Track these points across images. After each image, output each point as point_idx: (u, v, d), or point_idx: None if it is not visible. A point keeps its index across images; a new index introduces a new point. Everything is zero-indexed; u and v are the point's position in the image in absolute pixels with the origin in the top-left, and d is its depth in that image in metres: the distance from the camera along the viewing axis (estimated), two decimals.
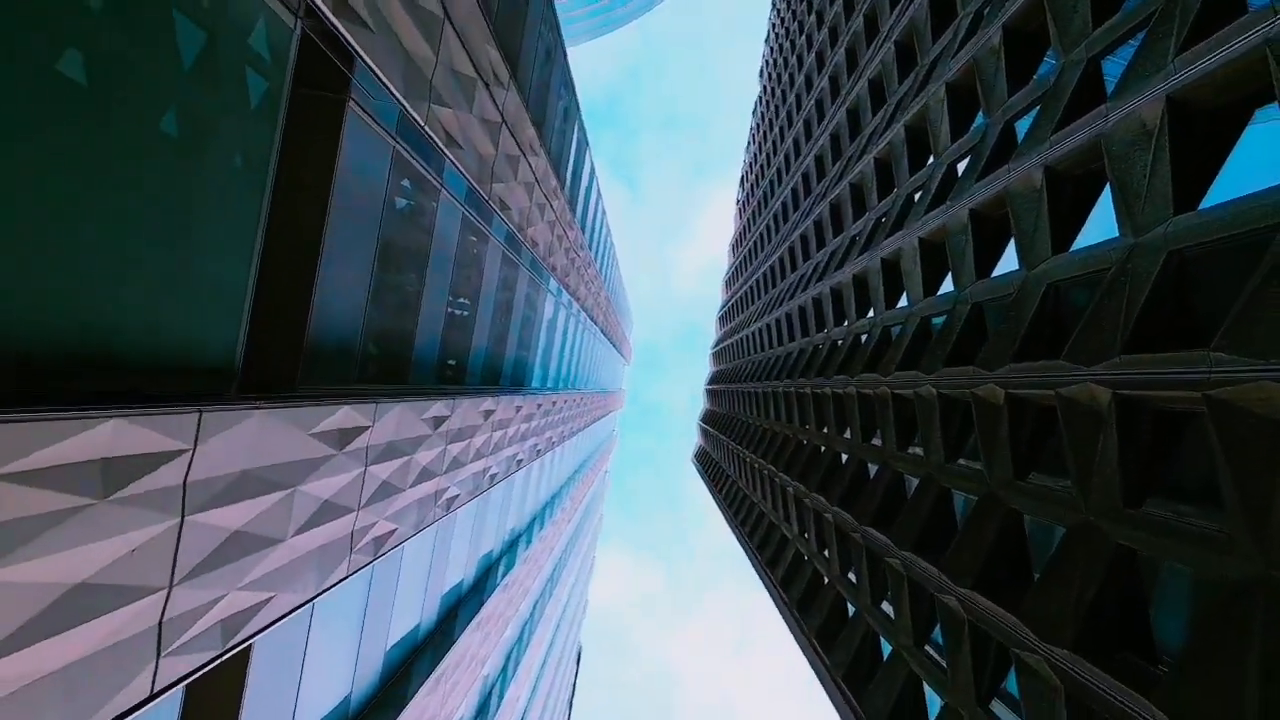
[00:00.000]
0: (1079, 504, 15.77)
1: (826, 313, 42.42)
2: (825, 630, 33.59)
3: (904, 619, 24.62)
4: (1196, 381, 12.68)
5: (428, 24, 12.74)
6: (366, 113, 11.89)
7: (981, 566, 19.32)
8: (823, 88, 53.42)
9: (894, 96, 36.80)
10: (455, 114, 14.99)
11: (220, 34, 8.21)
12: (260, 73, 9.12)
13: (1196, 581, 13.11)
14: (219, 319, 8.95)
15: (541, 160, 24.09)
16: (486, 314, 22.20)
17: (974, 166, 24.58)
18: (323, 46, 10.14)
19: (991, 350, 20.47)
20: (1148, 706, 12.58)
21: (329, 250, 11.32)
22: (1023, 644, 16.84)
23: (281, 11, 9.12)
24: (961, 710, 19.75)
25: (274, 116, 9.51)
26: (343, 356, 12.63)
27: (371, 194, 12.72)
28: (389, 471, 14.97)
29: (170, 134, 7.70)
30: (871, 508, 28.94)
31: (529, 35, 20.10)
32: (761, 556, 49.38)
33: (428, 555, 20.98)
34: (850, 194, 41.61)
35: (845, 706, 27.69)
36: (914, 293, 28.85)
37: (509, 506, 33.51)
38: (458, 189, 17.15)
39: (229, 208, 8.86)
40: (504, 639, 37.30)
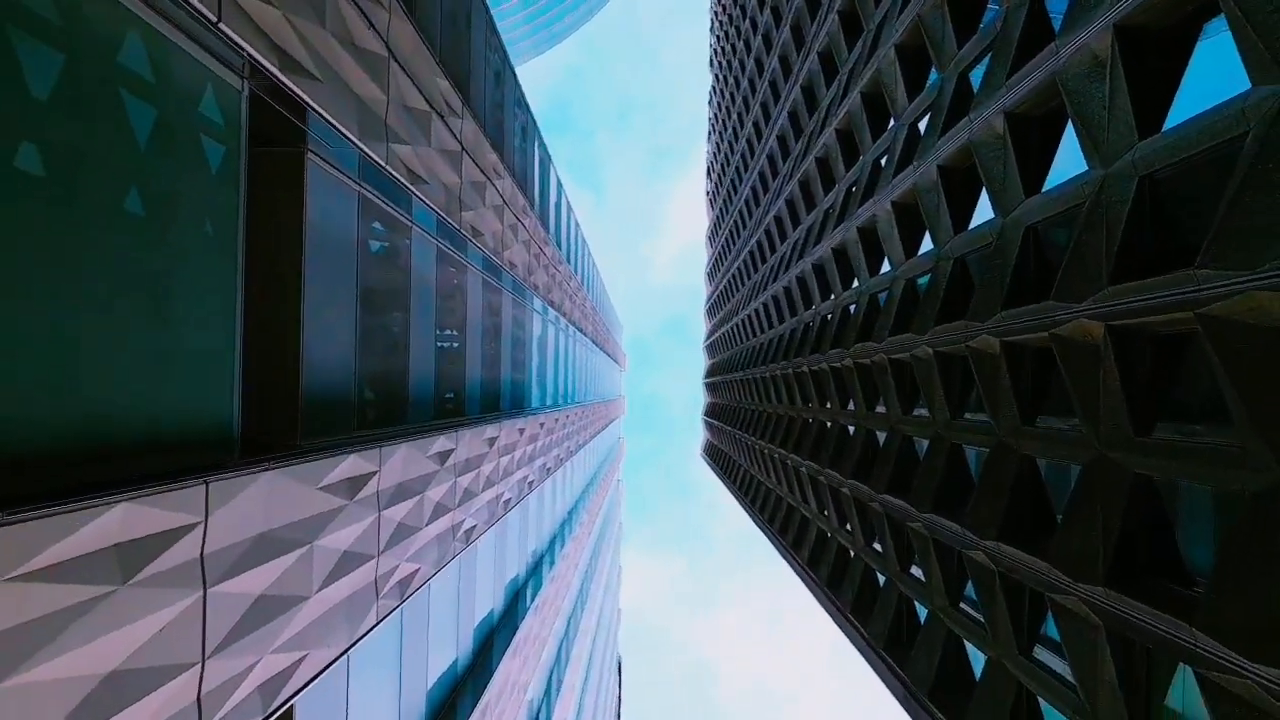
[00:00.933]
0: (1090, 440, 15.79)
1: (812, 289, 42.45)
2: (859, 603, 33.59)
3: (935, 580, 24.63)
4: (1186, 302, 12.71)
5: (373, 65, 12.74)
6: (326, 162, 11.89)
7: (1003, 517, 19.34)
8: (773, 68, 53.48)
9: (845, 67, 36.85)
10: (414, 150, 14.99)
11: (170, 106, 8.19)
12: (215, 138, 9.11)
13: (1217, 499, 13.14)
14: (211, 388, 8.94)
15: (507, 182, 24.09)
16: (476, 342, 22.18)
17: (935, 123, 24.63)
18: (273, 103, 10.14)
19: (980, 301, 20.50)
20: (1189, 630, 12.59)
21: (310, 303, 11.30)
22: (1056, 587, 16.86)
23: (227, 75, 9.11)
24: (1006, 663, 19.76)
25: (235, 179, 9.49)
26: (340, 406, 12.61)
27: (344, 241, 12.71)
28: (403, 513, 14.95)
29: (136, 212, 7.69)
30: (886, 475, 28.96)
31: (476, 61, 20.10)
32: (785, 540, 49.39)
33: (454, 589, 20.96)
34: (817, 169, 41.66)
35: (889, 675, 27.70)
36: (895, 256, 28.88)
37: (527, 529, 33.48)
38: (428, 223, 17.14)
39: (205, 276, 8.85)
40: (543, 661, 37.25)
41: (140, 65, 7.74)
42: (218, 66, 8.92)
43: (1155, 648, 13.97)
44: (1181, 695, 13.97)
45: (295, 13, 9.84)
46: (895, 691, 26.97)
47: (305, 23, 10.18)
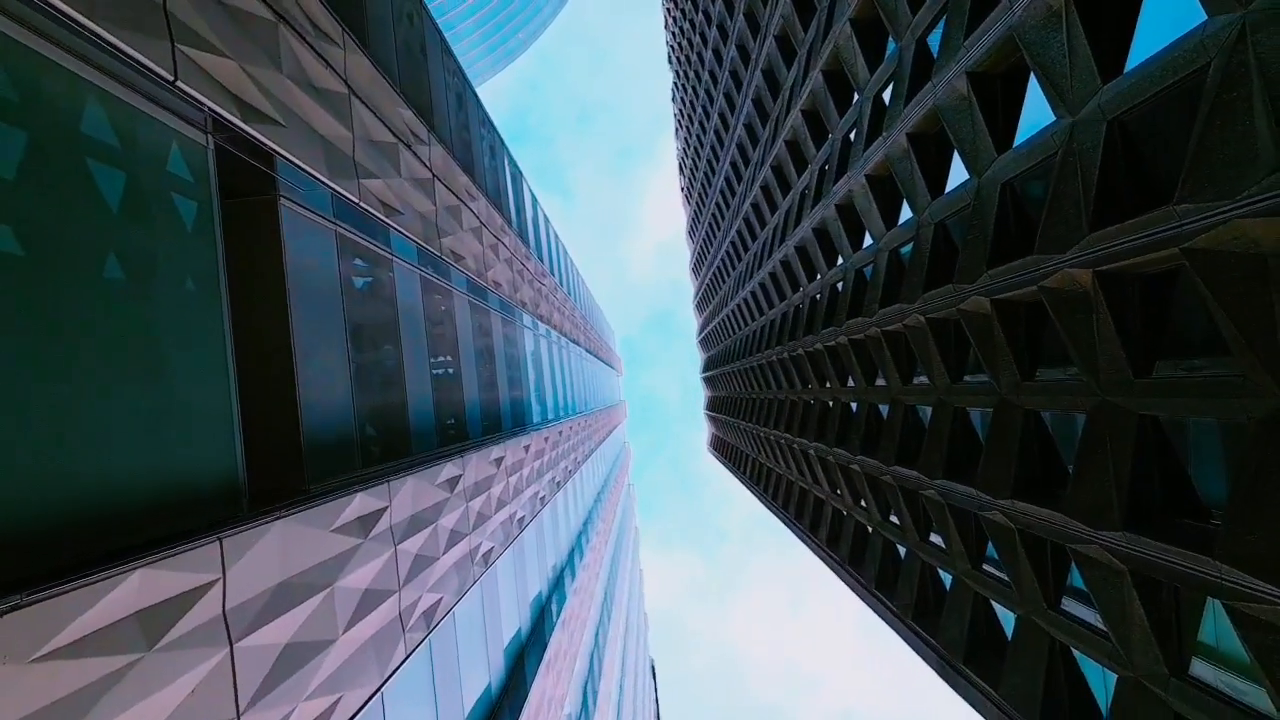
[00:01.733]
0: (1091, 387, 15.81)
1: (797, 272, 42.48)
2: (883, 577, 33.62)
3: (955, 545, 24.65)
4: (1170, 239, 12.74)
5: (335, 104, 12.73)
6: (300, 205, 11.88)
7: (1015, 474, 19.37)
8: (732, 57, 53.52)
9: (803, 47, 36.88)
10: (386, 182, 14.98)
11: (138, 169, 8.19)
12: (187, 194, 9.10)
13: (1224, 430, 13.16)
14: (213, 443, 8.92)
15: (481, 203, 24.08)
16: (470, 365, 22.17)
17: (899, 92, 24.66)
18: (240, 154, 10.13)
19: (965, 264, 20.52)
20: (1212, 563, 12.61)
21: (301, 347, 11.29)
22: (1075, 537, 16.88)
23: (191, 131, 9.10)
24: (1036, 619, 19.78)
25: (211, 233, 9.48)
26: (343, 445, 12.60)
27: (327, 281, 12.70)
28: (419, 544, 14.94)
29: (117, 278, 7.68)
30: (894, 447, 28.99)
31: (436, 87, 20.09)
32: (802, 525, 49.41)
33: (479, 614, 20.93)
34: (788, 152, 41.68)
35: (922, 645, 27.72)
36: (875, 229, 28.91)
37: (545, 545, 33.45)
38: (409, 253, 17.13)
39: (193, 333, 8.84)
40: (576, 674, 37.21)
41: (104, 132, 7.74)
42: (180, 124, 8.91)
43: (1182, 585, 14.00)
44: (1214, 629, 14.01)
45: (251, 62, 9.83)
46: (930, 660, 26.98)
47: (262, 70, 10.17)
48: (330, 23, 12.65)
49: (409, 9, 18.36)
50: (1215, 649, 14.09)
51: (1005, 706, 20.90)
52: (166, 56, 7.96)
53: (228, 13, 9.31)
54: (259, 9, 10.09)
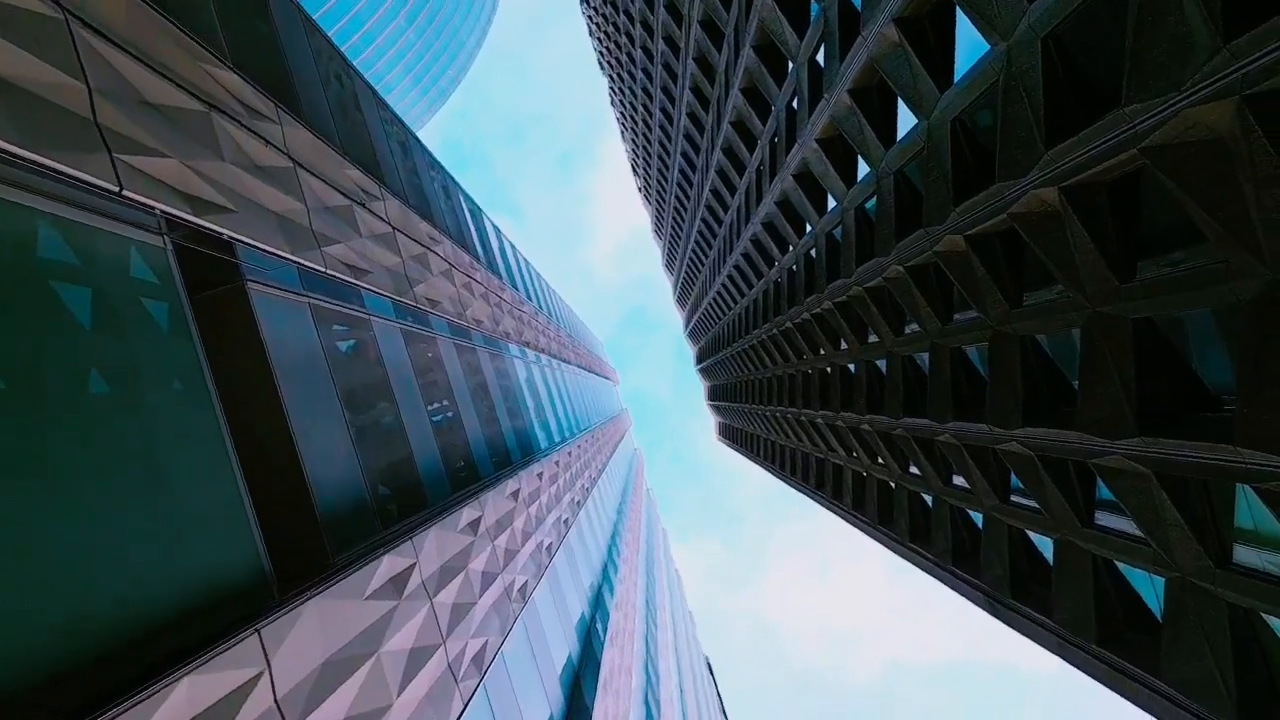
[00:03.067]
0: (1079, 302, 15.85)
1: (769, 248, 42.53)
2: (915, 529, 33.64)
3: (979, 483, 24.68)
4: (1124, 142, 12.78)
5: (282, 179, 12.72)
6: (268, 285, 11.86)
7: (1023, 402, 19.40)
8: (662, 51, 53.58)
9: (728, 27, 36.94)
10: (347, 245, 14.97)
11: (103, 282, 8.17)
12: (155, 298, 9.08)
13: (1218, 316, 13.20)
14: (232, 538, 8.91)
15: (446, 244, 24.08)
16: (468, 406, 22.15)
17: (831, 52, 24.70)
18: (199, 248, 10.11)
19: (931, 206, 20.56)
20: (1232, 450, 12.64)
21: (298, 424, 11.27)
22: (1095, 452, 16.91)
23: (147, 236, 9.09)
24: (1073, 539, 19.81)
25: (187, 330, 9.47)
26: (359, 512, 12.58)
27: (310, 355, 12.68)
28: (454, 593, 14.93)
29: (103, 394, 7.67)
30: (900, 400, 29.02)
31: (378, 140, 20.09)
32: (825, 493, 49.44)
33: (527, 648, 20.91)
34: (735, 132, 41.74)
35: (967, 587, 27.73)
36: (836, 190, 28.95)
37: (577, 566, 33.42)
38: (384, 309, 17.12)
39: (189, 433, 8.82)
40: (635, 687, 37.18)
41: (62, 253, 7.73)
42: (136, 231, 8.90)
43: (1208, 478, 14.03)
44: (1249, 513, 14.03)
45: (191, 156, 9.82)
46: (977, 601, 27.00)
47: (204, 162, 10.16)
48: (261, 100, 12.63)
49: (336, 70, 18.35)
50: (1255, 532, 14.12)
51: (1061, 632, 20.93)
52: (108, 169, 7.95)
53: (159, 113, 9.30)
54: (188, 102, 10.08)
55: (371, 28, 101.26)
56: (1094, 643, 19.30)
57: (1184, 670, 16.25)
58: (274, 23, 14.70)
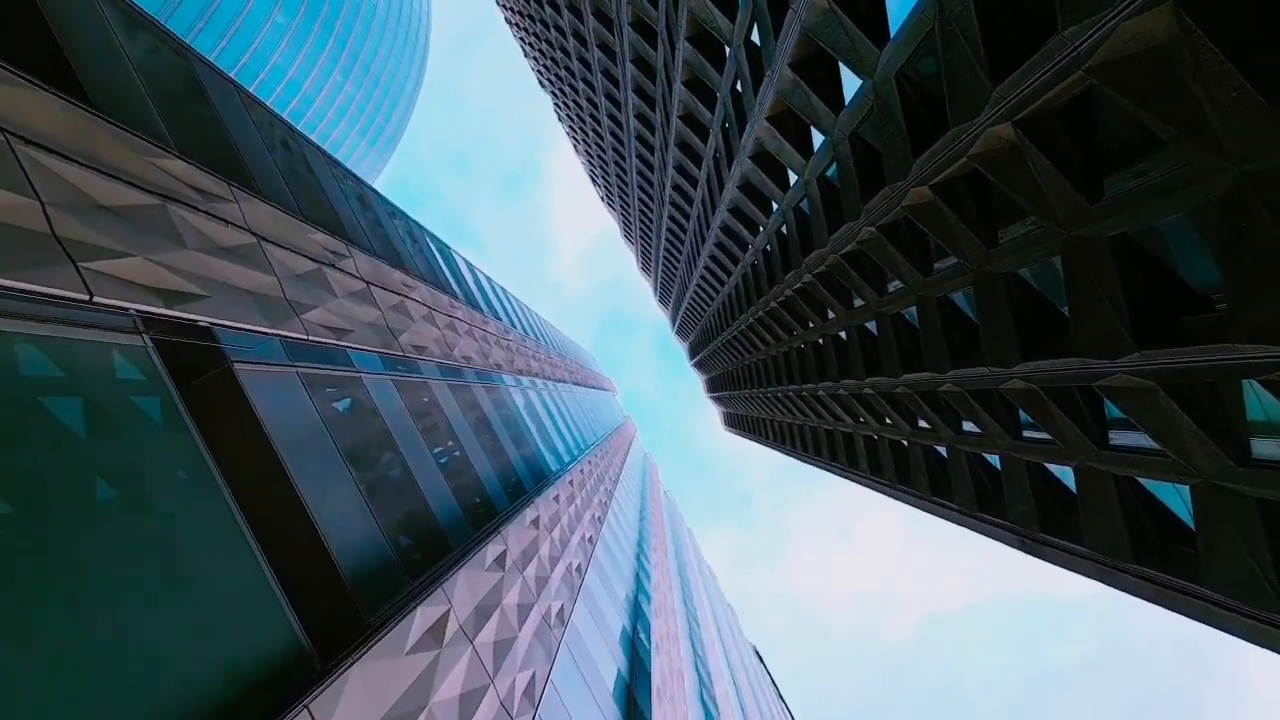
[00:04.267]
0: (1054, 229, 15.89)
1: (740, 232, 42.58)
2: (935, 482, 33.66)
3: (989, 426, 24.71)
4: (1069, 65, 12.83)
5: (248, 255, 12.71)
6: (253, 363, 11.85)
7: (1017, 338, 19.42)
8: (599, 59, 53.64)
9: (660, 24, 37.00)
10: (324, 308, 14.96)
11: (90, 389, 8.17)
12: (145, 393, 9.08)
13: (1194, 219, 13.22)
14: (265, 620, 8.90)
15: (421, 289, 24.07)
16: (473, 444, 22.15)
17: (765, 29, 24.75)
18: (179, 339, 10.10)
19: (891, 162, 20.60)
20: (1231, 347, 12.67)
21: (309, 495, 11.26)
22: (1096, 375, 16.94)
23: (125, 337, 9.07)
24: (1091, 464, 19.83)
25: (182, 422, 9.46)
26: (385, 569, 12.57)
27: (307, 423, 12.67)
28: (493, 631, 14.91)
29: (110, 498, 7.67)
30: (896, 357, 29.05)
31: (336, 199, 20.08)
32: (840, 463, 49.47)
33: (575, 671, 20.89)
34: (686, 126, 41.78)
35: (997, 530, 27.75)
36: (795, 164, 28.99)
37: (610, 581, 33.40)
38: (373, 365, 17.11)
39: (203, 524, 8.81)
40: (689, 690, 37.17)
41: (45, 369, 7.72)
42: (114, 335, 8.89)
43: (1213, 379, 14.07)
44: (1260, 406, 14.06)
45: (154, 251, 9.81)
46: (1008, 541, 27.01)
47: (168, 254, 10.15)
48: (212, 181, 12.62)
49: (281, 137, 18.34)
50: (1269, 424, 14.15)
51: (1097, 557, 20.93)
52: (75, 279, 7.94)
53: (115, 214, 9.29)
54: (142, 198, 10.07)
55: (309, 90, 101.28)
56: (1131, 562, 19.32)
57: (1224, 573, 16.27)
58: (212, 103, 14.69)
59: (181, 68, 14.23)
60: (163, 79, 13.15)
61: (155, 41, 13.52)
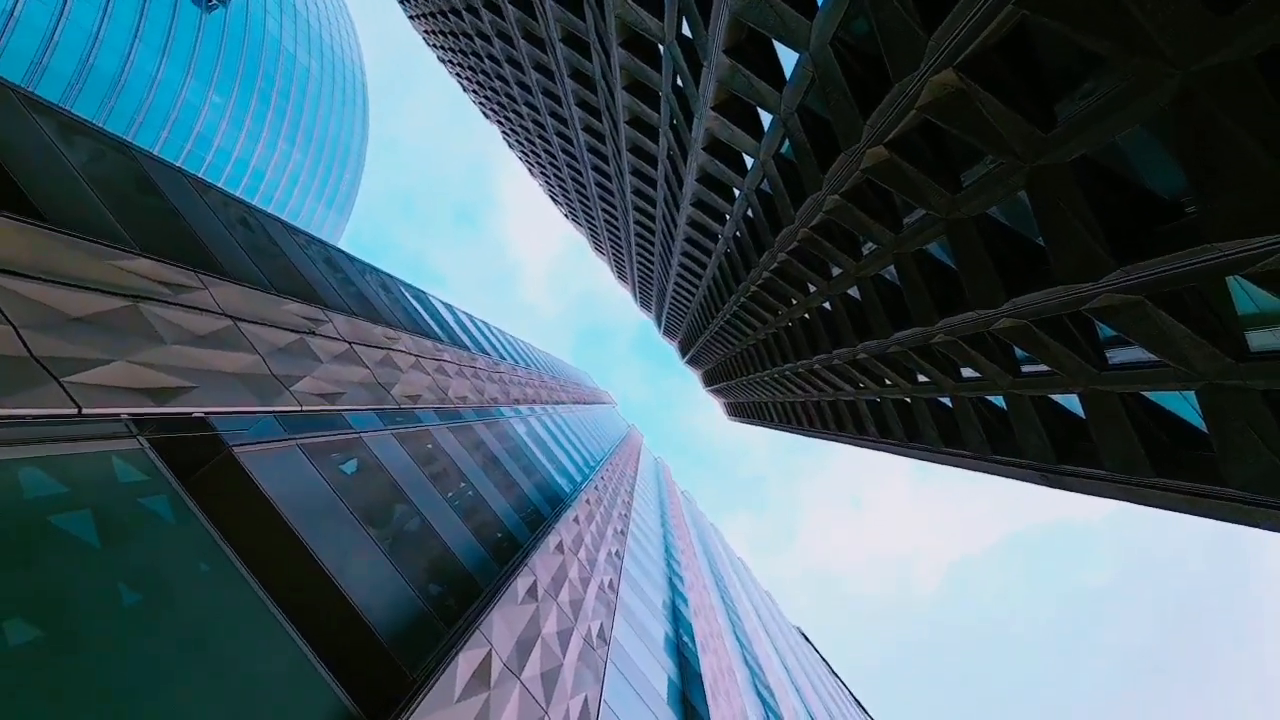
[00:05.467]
0: (1014, 164, 15.92)
1: (707, 224, 42.63)
2: (945, 434, 33.68)
3: (988, 368, 24.77)
4: (997, 1, 12.87)
5: (227, 339, 12.69)
6: (252, 444, 11.84)
7: (998, 277, 19.45)
8: (537, 79, 53.68)
9: (590, 35, 37.05)
10: (312, 377, 14.94)
11: (96, 499, 8.17)
12: (151, 493, 9.08)
13: (1151, 127, 13.25)
14: (310, 695, 8.90)
15: (404, 338, 24.06)
16: (483, 482, 22.14)
17: (694, 21, 24.80)
18: (174, 435, 10.10)
19: (843, 129, 20.64)
20: (1209, 247, 12.69)
21: (331, 564, 11.25)
22: (1083, 299, 16.97)
23: (121, 443, 9.07)
24: (1094, 387, 19.86)
25: (192, 515, 9.46)
26: (420, 622, 12.56)
27: (316, 492, 12.66)
28: (538, 664, 14.89)
29: (136, 603, 7.67)
30: (883, 318, 29.10)
31: (304, 266, 20.06)
32: (848, 432, 49.49)
33: (626, 686, 20.87)
34: (635, 129, 41.80)
35: (1015, 469, 27.78)
36: (748, 146, 29.03)
37: (643, 590, 33.36)
38: (371, 422, 17.10)
39: (232, 611, 8.80)
40: (742, 685, 37.13)
41: (47, 488, 7.73)
42: (110, 442, 8.88)
43: (1197, 282, 14.11)
44: (1249, 300, 14.10)
45: (133, 352, 9.79)
46: (1029, 478, 27.04)
47: (148, 353, 10.13)
48: (178, 273, 12.60)
49: (238, 215, 18.33)
50: (1261, 315, 14.19)
51: (1118, 477, 20.95)
52: (60, 396, 7.93)
53: (88, 324, 9.27)
54: (112, 303, 10.06)
55: (258, 164, 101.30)
56: (1152, 476, 19.34)
57: (1245, 471, 16.29)
58: (165, 195, 14.67)
59: (128, 166, 14.22)
60: (111, 181, 13.13)
61: (97, 145, 13.51)
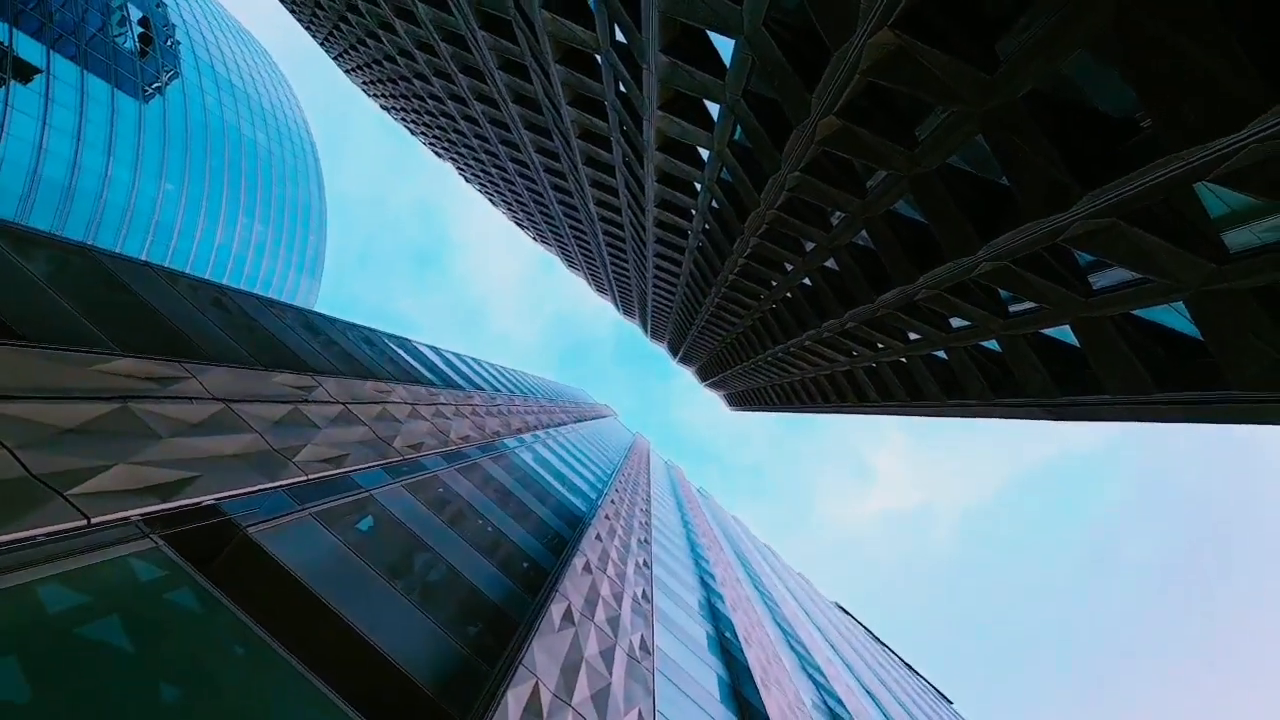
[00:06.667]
0: (966, 110, 15.96)
1: (674, 221, 42.67)
2: (945, 387, 33.73)
3: (976, 315, 24.81)
4: None
5: (223, 421, 12.68)
6: (265, 522, 11.82)
7: (970, 225, 19.49)
8: (482, 111, 53.70)
9: (526, 57, 37.09)
10: (313, 444, 14.93)
11: (121, 604, 8.17)
12: (174, 588, 9.08)
13: (1096, 54, 13.28)
14: None
15: (397, 389, 24.05)
16: (501, 516, 22.13)
17: (626, 25, 24.85)
18: (187, 527, 10.08)
19: (791, 107, 20.66)
20: (1173, 157, 12.74)
21: (364, 625, 11.23)
22: (1057, 230, 17.01)
23: (136, 545, 9.04)
24: (1084, 314, 19.89)
25: (219, 602, 9.44)
26: (462, 665, 12.56)
27: (338, 557, 12.65)
28: (585, 688, 14.86)
29: (178, 698, 7.67)
30: (863, 284, 29.14)
31: (285, 335, 20.06)
32: (849, 402, 49.54)
33: (678, 693, 20.85)
34: (588, 142, 41.83)
35: (1019, 409, 27.83)
36: (701, 140, 29.09)
37: (677, 594, 33.34)
38: (378, 478, 17.10)
39: (275, 688, 8.81)
40: (790, 670, 37.13)
41: (70, 601, 7.76)
42: (124, 546, 8.86)
43: (1166, 195, 14.14)
44: (1220, 203, 14.15)
45: (131, 454, 9.77)
46: (1035, 416, 27.09)
47: (146, 452, 10.12)
48: (161, 365, 12.59)
49: (211, 298, 18.33)
50: (1233, 214, 14.23)
51: (1123, 400, 20.98)
52: (66, 509, 7.92)
53: (81, 434, 9.26)
54: (101, 408, 10.04)
55: (222, 242, 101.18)
56: (1156, 392, 19.36)
57: (1247, 371, 16.31)
58: (134, 291, 14.65)
59: (93, 269, 14.21)
60: (79, 286, 13.13)
61: (58, 253, 13.51)
